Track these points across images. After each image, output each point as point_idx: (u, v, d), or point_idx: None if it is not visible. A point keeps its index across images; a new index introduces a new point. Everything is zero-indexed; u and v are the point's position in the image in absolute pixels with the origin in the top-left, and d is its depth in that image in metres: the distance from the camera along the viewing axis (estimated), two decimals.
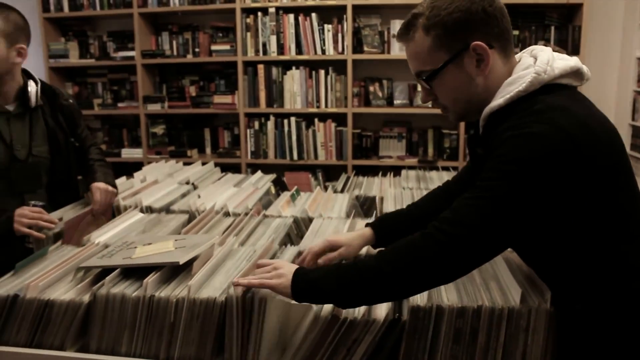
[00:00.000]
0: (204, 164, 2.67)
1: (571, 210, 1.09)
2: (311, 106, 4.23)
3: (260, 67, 4.22)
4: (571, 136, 1.05)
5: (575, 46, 3.89)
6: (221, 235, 1.58)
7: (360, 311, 1.22)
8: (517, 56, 1.27)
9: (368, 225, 1.53)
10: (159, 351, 1.24)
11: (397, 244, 1.15)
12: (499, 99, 1.17)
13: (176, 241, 1.43)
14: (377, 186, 2.41)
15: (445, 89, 1.23)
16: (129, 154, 4.54)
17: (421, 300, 1.20)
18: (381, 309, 1.23)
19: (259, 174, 2.51)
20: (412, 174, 2.59)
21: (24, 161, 1.90)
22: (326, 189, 2.35)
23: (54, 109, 1.99)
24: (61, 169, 2.01)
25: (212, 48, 4.32)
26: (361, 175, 2.67)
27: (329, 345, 1.21)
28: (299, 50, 4.17)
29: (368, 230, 1.51)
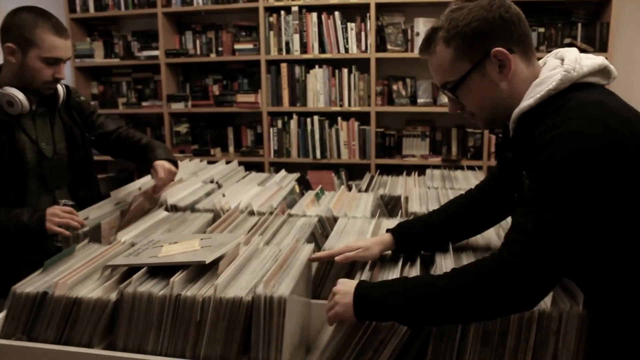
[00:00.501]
0: (227, 162, 2.68)
1: (614, 206, 1.06)
2: (334, 105, 4.22)
3: (283, 66, 4.22)
4: (612, 128, 1.03)
5: (603, 43, 3.82)
6: (246, 234, 1.58)
7: None
8: (541, 60, 1.28)
9: (388, 230, 1.52)
10: (184, 350, 1.23)
11: (470, 266, 1.12)
12: (529, 99, 1.17)
13: (202, 240, 1.43)
14: (402, 185, 2.39)
15: (471, 97, 1.25)
16: None
17: None
18: None
19: (282, 172, 2.51)
20: (437, 173, 2.57)
21: (50, 159, 1.92)
22: (349, 188, 2.34)
23: (68, 106, 2.01)
24: (80, 164, 2.04)
25: (235, 47, 4.34)
26: (385, 175, 2.65)
27: (355, 346, 1.20)
28: (322, 49, 4.17)
29: (388, 236, 1.50)
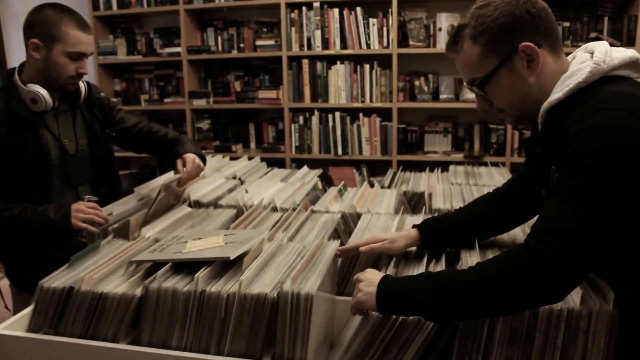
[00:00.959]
0: (250, 158, 2.68)
1: None
2: (356, 101, 4.20)
3: (305, 62, 4.22)
4: None
5: (631, 37, 3.75)
6: (269, 230, 1.58)
7: None
8: (570, 55, 1.27)
9: (414, 226, 1.51)
10: (209, 346, 1.23)
11: (497, 258, 1.10)
12: (558, 92, 1.16)
13: (226, 236, 1.43)
14: (425, 182, 2.37)
15: (500, 93, 1.24)
16: None
17: None
18: None
19: (305, 169, 2.50)
20: (461, 169, 2.54)
21: (73, 155, 1.94)
22: (371, 184, 2.33)
23: (89, 102, 2.03)
24: (101, 160, 2.05)
25: (257, 43, 4.34)
26: (407, 171, 2.63)
27: (380, 343, 1.18)
28: (343, 45, 4.15)
29: (414, 232, 1.48)
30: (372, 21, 4.09)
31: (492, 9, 1.19)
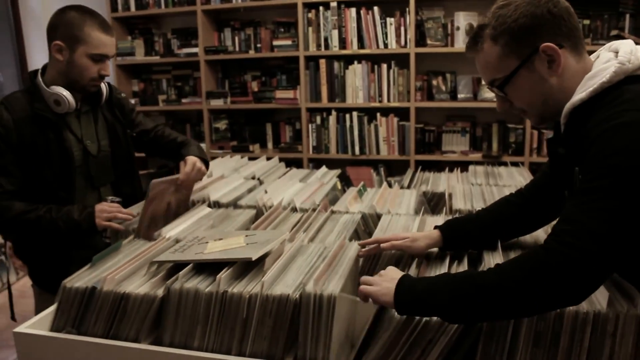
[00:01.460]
0: (268, 159, 2.68)
1: None
2: (373, 101, 4.19)
3: (322, 62, 4.22)
4: None
5: None
6: (290, 231, 1.57)
7: None
8: (594, 54, 1.25)
9: (436, 227, 1.50)
10: (230, 346, 1.23)
11: (516, 259, 1.09)
12: (581, 93, 1.14)
13: (247, 237, 1.43)
14: (444, 182, 2.35)
15: (520, 94, 1.23)
16: None
17: None
18: None
19: (323, 169, 2.50)
20: (480, 169, 2.52)
21: (95, 156, 1.95)
22: (389, 184, 2.32)
23: (110, 103, 2.04)
24: (122, 161, 2.06)
25: (274, 43, 4.35)
26: (426, 171, 2.61)
27: (403, 345, 1.18)
28: (361, 45, 4.14)
29: (436, 233, 1.47)
30: (390, 20, 4.07)
31: (512, 9, 1.17)
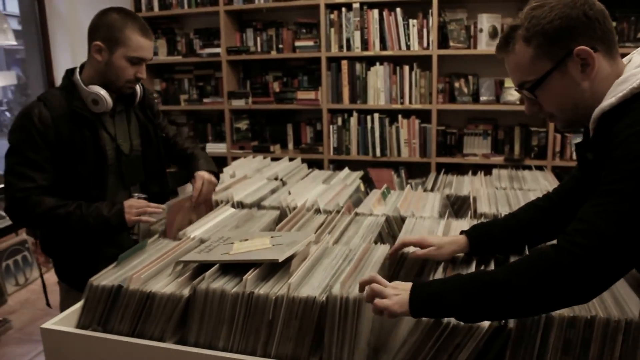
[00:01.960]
0: (290, 159, 2.68)
1: None
2: (395, 102, 4.18)
3: (344, 63, 4.21)
4: None
5: None
6: (314, 232, 1.57)
7: None
8: (626, 57, 1.23)
9: (463, 232, 1.48)
10: (256, 347, 1.24)
11: (526, 257, 1.09)
12: (611, 98, 1.12)
13: (272, 238, 1.44)
14: (467, 185, 2.34)
15: (551, 97, 1.20)
16: (213, 148, 4.64)
17: None
18: None
19: (346, 170, 2.49)
20: (504, 173, 2.50)
21: (127, 155, 1.97)
22: (411, 186, 2.31)
23: (142, 104, 2.05)
24: (153, 160, 2.07)
25: (296, 44, 4.35)
26: (449, 174, 2.60)
27: (429, 349, 1.17)
28: (383, 46, 4.13)
29: (462, 238, 1.46)
30: (412, 22, 4.05)
31: (547, 11, 1.15)
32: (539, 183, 2.29)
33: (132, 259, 1.49)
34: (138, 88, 1.99)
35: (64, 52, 4.33)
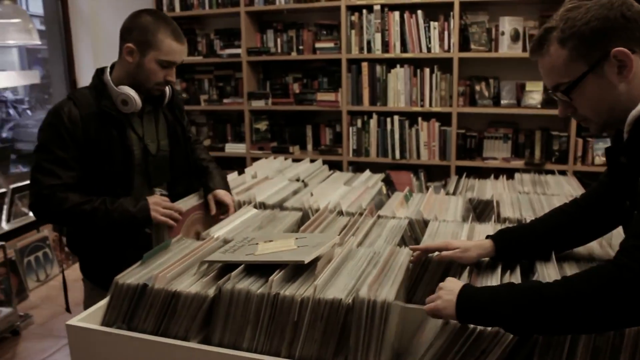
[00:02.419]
0: (312, 161, 2.68)
1: None
2: (415, 105, 4.17)
3: (364, 65, 4.20)
4: None
5: None
6: (338, 234, 1.57)
7: None
8: None
9: (489, 237, 1.47)
10: (280, 349, 1.23)
11: (585, 272, 1.07)
12: None
13: (297, 239, 1.43)
14: (490, 189, 2.32)
15: (586, 100, 1.18)
16: (233, 148, 4.66)
17: None
18: None
19: (367, 172, 2.49)
20: (527, 177, 2.48)
21: (154, 155, 1.98)
22: (428, 189, 2.30)
23: (171, 104, 2.06)
24: (180, 161, 2.07)
25: (316, 46, 4.35)
26: (471, 177, 2.58)
27: (455, 354, 1.16)
28: (403, 48, 4.12)
29: (488, 242, 1.45)
30: (433, 24, 4.04)
31: (583, 12, 1.13)
32: (562, 188, 2.26)
33: (157, 258, 1.50)
34: (167, 89, 1.99)
35: (86, 52, 4.37)
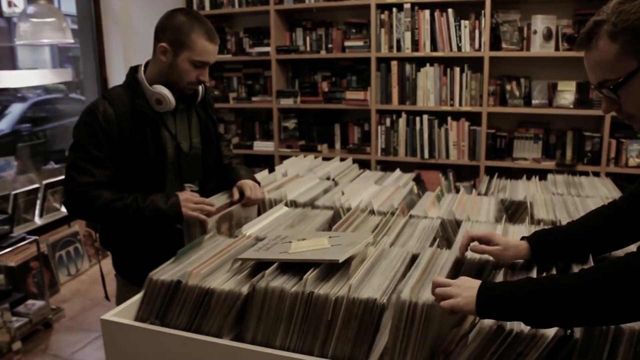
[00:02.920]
0: (342, 159, 2.68)
1: None
2: (444, 104, 4.13)
3: (394, 64, 4.18)
4: None
5: None
6: (370, 234, 1.56)
7: None
8: None
9: (524, 238, 1.45)
10: (313, 347, 1.23)
11: (602, 265, 1.06)
12: None
13: (330, 238, 1.43)
14: (522, 190, 2.29)
15: (635, 98, 1.13)
16: (261, 146, 4.67)
17: None
18: None
19: (398, 172, 2.48)
20: (560, 179, 2.44)
21: (187, 153, 1.99)
22: (457, 189, 2.28)
23: (203, 102, 2.07)
24: (212, 158, 2.09)
25: (345, 44, 4.34)
26: (503, 178, 2.55)
27: (490, 356, 1.14)
28: (433, 47, 4.08)
29: (523, 244, 1.42)
30: (464, 23, 4.00)
31: (637, 5, 1.07)
32: (597, 190, 2.22)
33: (190, 254, 1.51)
34: (200, 87, 2.00)
35: (117, 51, 4.42)
